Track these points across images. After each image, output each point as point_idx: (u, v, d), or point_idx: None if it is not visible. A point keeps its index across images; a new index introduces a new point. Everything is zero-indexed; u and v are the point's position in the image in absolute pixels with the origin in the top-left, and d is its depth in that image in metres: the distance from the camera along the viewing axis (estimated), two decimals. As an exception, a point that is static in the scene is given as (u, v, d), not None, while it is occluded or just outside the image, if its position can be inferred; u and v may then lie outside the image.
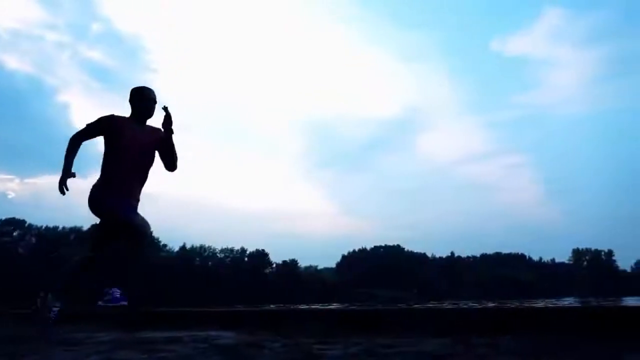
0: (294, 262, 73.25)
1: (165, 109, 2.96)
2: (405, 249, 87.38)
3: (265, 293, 58.85)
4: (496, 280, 72.28)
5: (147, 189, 3.11)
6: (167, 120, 2.98)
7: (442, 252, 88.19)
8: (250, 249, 70.18)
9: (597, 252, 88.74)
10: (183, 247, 64.54)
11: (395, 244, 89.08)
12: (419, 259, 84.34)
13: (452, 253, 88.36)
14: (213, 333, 2.28)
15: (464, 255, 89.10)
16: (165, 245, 63.09)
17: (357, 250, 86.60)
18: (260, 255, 70.11)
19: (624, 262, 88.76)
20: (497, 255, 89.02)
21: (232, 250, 68.74)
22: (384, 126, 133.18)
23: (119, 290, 2.92)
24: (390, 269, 75.11)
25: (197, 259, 65.02)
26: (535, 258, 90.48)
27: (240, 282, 60.87)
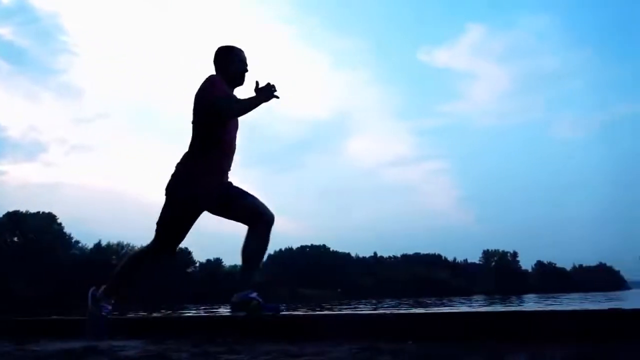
0: (218, 261, 71.68)
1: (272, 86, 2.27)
2: (331, 249, 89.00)
3: (187, 293, 56.99)
4: (415, 279, 75.99)
5: (56, 177, 2.75)
6: (267, 92, 2.21)
7: (365, 252, 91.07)
8: (173, 247, 67.21)
9: (504, 253, 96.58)
10: (98, 244, 60.52)
11: (322, 243, 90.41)
12: (344, 259, 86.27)
13: (375, 253, 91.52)
14: (117, 343, 2.14)
15: (386, 255, 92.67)
16: (77, 242, 58.78)
17: (283, 249, 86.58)
18: (183, 254, 67.75)
19: (526, 263, 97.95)
20: (417, 255, 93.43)
21: (152, 248, 65.69)
22: (314, 128, 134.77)
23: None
24: (316, 269, 76.06)
25: (114, 257, 61.32)
26: (450, 258, 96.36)
27: (160, 282, 58.36)
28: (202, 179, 2.27)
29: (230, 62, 2.40)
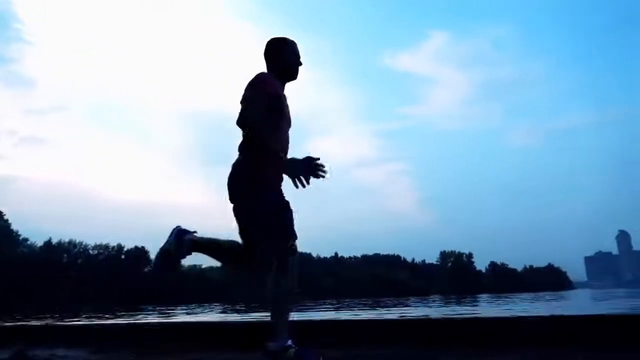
0: (176, 261, 69.92)
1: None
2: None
3: (143, 294, 55.38)
4: (375, 280, 77.05)
5: (3, 170, 2.55)
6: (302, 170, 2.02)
7: (326, 253, 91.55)
8: (129, 245, 65.39)
9: (460, 254, 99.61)
10: (48, 242, 57.80)
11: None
12: (305, 259, 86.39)
13: (336, 253, 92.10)
14: (59, 352, 2.08)
15: (347, 255, 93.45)
16: (26, 240, 55.99)
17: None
18: (140, 253, 65.80)
19: (480, 264, 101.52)
20: (377, 256, 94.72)
21: (107, 246, 63.32)
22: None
23: None
24: (277, 269, 75.62)
25: (65, 255, 58.76)
26: (409, 259, 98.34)
27: (115, 282, 56.43)
28: (265, 184, 2.06)
29: (284, 55, 2.23)
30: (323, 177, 1.93)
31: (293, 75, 2.25)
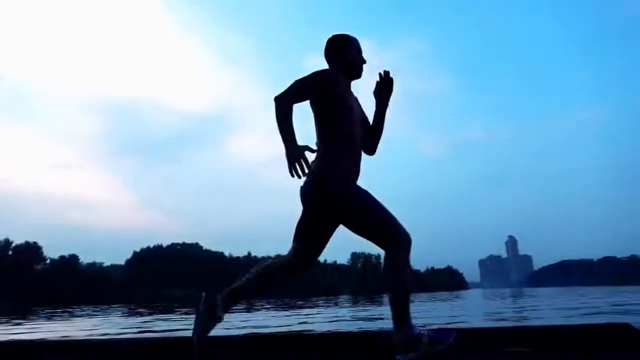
0: (74, 258, 64.71)
1: (387, 73, 2.20)
2: (204, 247, 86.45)
3: (34, 293, 50.45)
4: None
5: None
6: (388, 86, 2.21)
7: (239, 252, 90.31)
8: (18, 240, 59.34)
9: (370, 256, 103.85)
10: None
11: (194, 241, 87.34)
12: (217, 258, 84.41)
13: (249, 253, 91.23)
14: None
15: (260, 255, 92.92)
16: None
17: (151, 246, 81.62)
18: (30, 249, 59.88)
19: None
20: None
21: (-10, 241, 56.92)
22: (194, 120, 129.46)
23: None
24: (186, 268, 73.11)
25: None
26: (322, 259, 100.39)
27: (1, 280, 50.68)
28: (333, 181, 1.97)
29: (351, 53, 2.17)
30: (292, 175, 1.86)
31: (359, 74, 2.20)
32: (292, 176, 1.83)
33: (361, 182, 2.06)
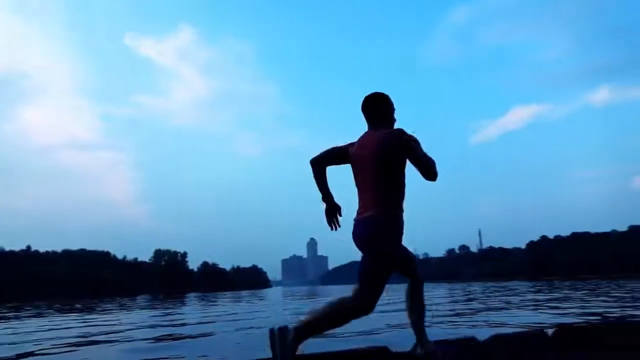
0: None
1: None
2: (-35, 239, 70.44)
3: None
4: (79, 278, 68.89)
5: None
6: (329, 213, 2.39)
7: (15, 245, 76.48)
8: None
9: (175, 253, 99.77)
10: None
11: (-50, 231, 70.57)
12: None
13: (29, 247, 78.17)
14: None
15: (43, 249, 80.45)
16: None
17: None
18: None
19: (193, 263, 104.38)
20: (82, 251, 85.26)
21: None
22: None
23: None
24: None
25: None
26: (120, 256, 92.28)
27: None
28: (401, 231, 2.17)
29: (393, 112, 2.35)
30: (331, 228, 2.29)
31: None
32: (333, 228, 2.28)
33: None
